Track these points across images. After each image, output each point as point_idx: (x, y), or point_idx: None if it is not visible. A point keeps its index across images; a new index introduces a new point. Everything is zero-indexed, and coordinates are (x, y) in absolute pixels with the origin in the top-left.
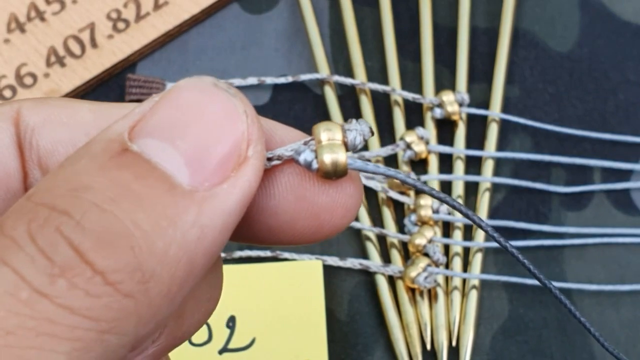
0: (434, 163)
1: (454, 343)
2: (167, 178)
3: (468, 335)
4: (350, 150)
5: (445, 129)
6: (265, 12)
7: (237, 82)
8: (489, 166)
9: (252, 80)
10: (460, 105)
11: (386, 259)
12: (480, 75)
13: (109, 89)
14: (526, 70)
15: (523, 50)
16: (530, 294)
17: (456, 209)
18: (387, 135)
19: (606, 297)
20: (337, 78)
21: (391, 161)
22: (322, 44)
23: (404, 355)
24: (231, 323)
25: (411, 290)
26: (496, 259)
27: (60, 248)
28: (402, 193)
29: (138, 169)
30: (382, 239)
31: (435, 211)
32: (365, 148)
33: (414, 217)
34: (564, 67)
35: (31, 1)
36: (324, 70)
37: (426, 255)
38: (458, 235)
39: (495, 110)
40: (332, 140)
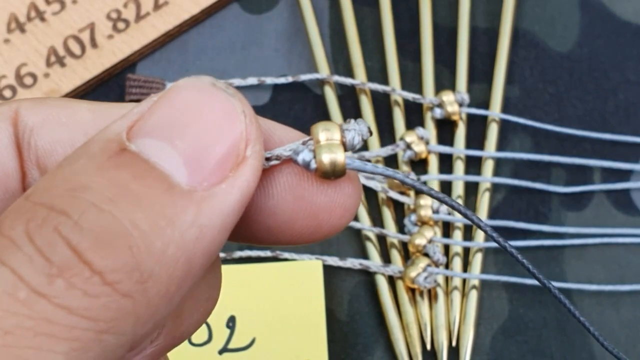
0: (434, 163)
1: (454, 343)
2: (166, 178)
3: (468, 335)
4: (348, 150)
5: (445, 129)
6: (265, 12)
7: (237, 82)
8: (489, 166)
9: (252, 81)
10: (460, 105)
11: (386, 259)
12: (480, 75)
13: (109, 89)
14: (526, 70)
15: (523, 50)
16: (530, 294)
17: (455, 209)
18: (387, 135)
19: (606, 297)
20: (337, 78)
21: (391, 161)
22: (322, 44)
23: (404, 355)
24: (231, 323)
25: (411, 290)
26: (496, 259)
27: (58, 248)
28: (402, 193)
29: (136, 169)
30: (382, 239)
31: (435, 211)
32: (365, 148)
33: (414, 217)
34: (564, 67)
35: (31, 1)
36: (324, 70)
37: (426, 255)
38: (458, 235)
39: (495, 110)
40: (331, 140)
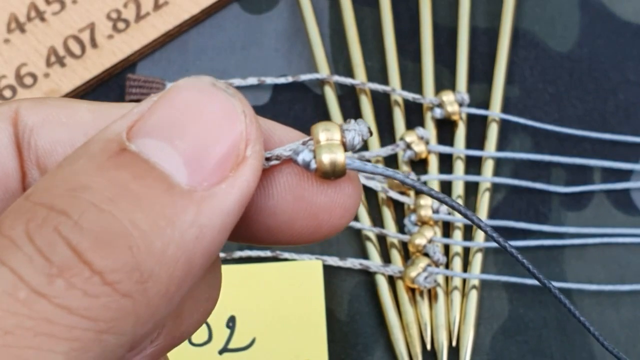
0: (434, 163)
1: (454, 343)
2: (166, 178)
3: (468, 335)
4: (348, 150)
5: (445, 129)
6: (265, 12)
7: (237, 82)
8: (489, 166)
9: (252, 81)
10: (460, 105)
11: (386, 259)
12: (480, 75)
13: (109, 89)
14: (526, 70)
15: (523, 50)
16: (530, 294)
17: (455, 209)
18: (387, 135)
19: (606, 297)
20: (337, 78)
21: (391, 161)
22: (322, 44)
23: (404, 355)
24: (231, 323)
25: (411, 290)
26: (496, 259)
27: (58, 248)
28: (402, 193)
29: (136, 169)
30: (382, 239)
31: (435, 211)
32: (365, 148)
33: (414, 217)
34: (564, 67)
35: (31, 1)
36: (324, 70)
37: (426, 255)
38: (458, 235)
39: (495, 110)
40: (331, 140)
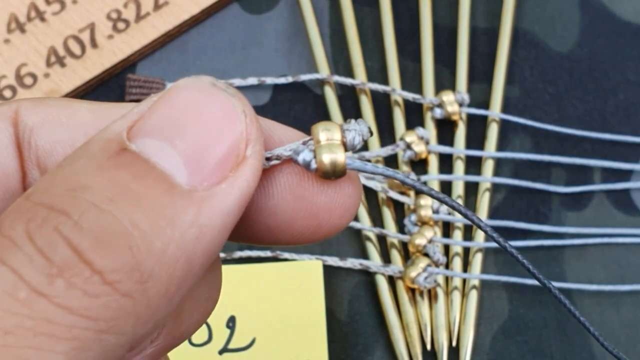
0: (434, 163)
1: (454, 343)
2: (166, 178)
3: (468, 336)
4: (349, 150)
5: (445, 129)
6: (265, 12)
7: (237, 82)
8: (489, 166)
9: (252, 81)
10: (460, 105)
11: (386, 259)
12: (480, 75)
13: (109, 89)
14: (526, 70)
15: (523, 50)
16: (530, 294)
17: (455, 209)
18: (387, 135)
19: (606, 297)
20: (337, 78)
21: (391, 161)
22: (322, 44)
23: (404, 355)
24: (231, 323)
25: (411, 291)
26: (496, 259)
27: (58, 248)
28: (402, 193)
29: (136, 169)
30: (382, 239)
31: (435, 211)
32: (365, 148)
33: (414, 217)
34: (564, 67)
35: (31, 1)
36: (324, 70)
37: (426, 255)
38: (458, 235)
39: (495, 110)
40: (331, 140)
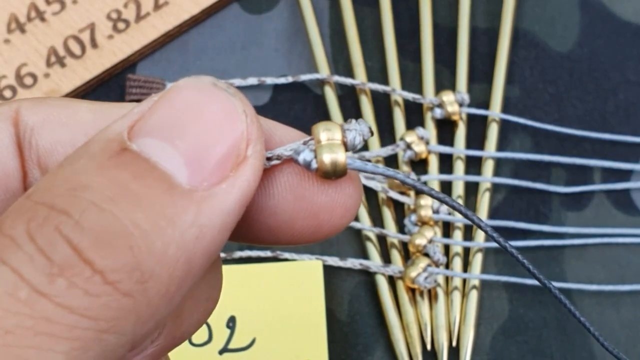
0: (434, 163)
1: (454, 343)
2: (166, 178)
3: (468, 336)
4: (349, 150)
5: (445, 129)
6: (265, 12)
7: (237, 82)
8: (489, 166)
9: (252, 81)
10: (461, 105)
11: (386, 259)
12: (480, 75)
13: (109, 89)
14: (526, 70)
15: (523, 50)
16: (530, 294)
17: (456, 209)
18: (387, 135)
19: (606, 297)
20: (337, 78)
21: (391, 161)
22: (322, 44)
23: (404, 355)
24: (231, 323)
25: (411, 291)
26: (496, 259)
27: (59, 247)
28: (402, 193)
29: (137, 169)
30: (382, 239)
31: (436, 211)
32: (366, 148)
33: (414, 217)
34: (564, 67)
35: (31, 1)
36: (324, 70)
37: (426, 255)
38: (458, 235)
39: (495, 110)
40: (332, 140)
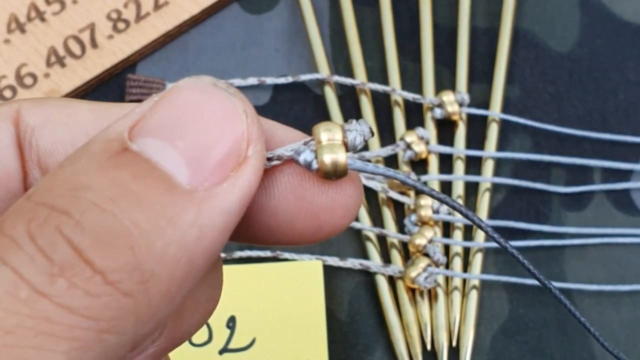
0: (434, 163)
1: (454, 343)
2: (167, 177)
3: (468, 336)
4: (350, 150)
5: (446, 129)
6: (265, 12)
7: (237, 82)
8: (489, 166)
9: (252, 81)
10: (461, 105)
11: (386, 259)
12: (480, 75)
13: (109, 89)
14: (526, 70)
15: (523, 50)
16: (530, 294)
17: (456, 209)
18: (387, 135)
19: (606, 297)
20: (337, 78)
21: (391, 161)
22: (322, 44)
23: (404, 355)
24: (231, 323)
25: (411, 291)
26: (496, 259)
27: (59, 247)
28: (402, 193)
29: (137, 169)
30: (382, 239)
31: (436, 211)
32: (366, 148)
33: (414, 217)
34: (564, 67)
35: (31, 1)
36: (324, 70)
37: (426, 255)
38: (458, 235)
39: (495, 110)
40: (332, 141)
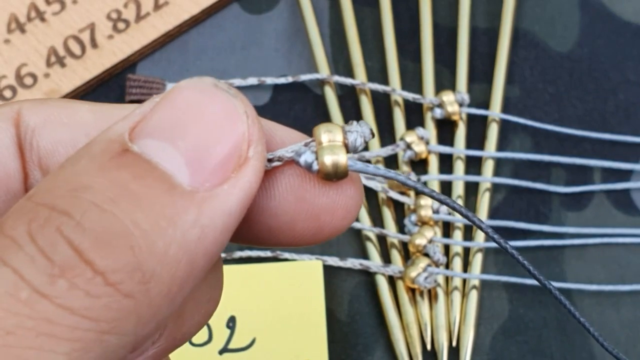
0: (434, 163)
1: (454, 343)
2: (167, 178)
3: (468, 336)
4: (350, 151)
5: (445, 129)
6: (265, 12)
7: (237, 82)
8: (489, 166)
9: (252, 81)
10: (461, 105)
11: (386, 259)
12: (480, 75)
13: (109, 89)
14: (526, 70)
15: (523, 50)
16: (530, 294)
17: (456, 210)
18: (387, 135)
19: (606, 297)
20: (337, 78)
21: (391, 161)
22: (322, 44)
23: (404, 355)
24: (231, 323)
25: (411, 291)
26: (496, 259)
27: (60, 248)
28: (403, 193)
29: (137, 169)
30: (382, 239)
31: (436, 211)
32: (366, 148)
33: (414, 217)
34: (564, 67)
35: (31, 1)
36: (324, 70)
37: (426, 255)
38: (458, 235)
39: (495, 110)
40: (333, 142)
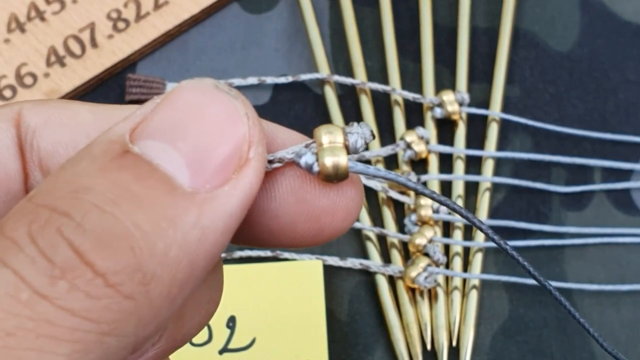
0: (434, 163)
1: (454, 343)
2: (168, 179)
3: (468, 335)
4: (351, 153)
5: (446, 128)
6: (265, 12)
7: (237, 82)
8: (489, 166)
9: (252, 80)
10: (461, 105)
11: (386, 259)
12: (481, 75)
13: (109, 88)
14: (526, 70)
15: (523, 50)
16: (531, 294)
17: (456, 211)
18: (387, 135)
19: (606, 297)
20: (337, 78)
21: (391, 161)
22: (322, 44)
23: (404, 355)
24: (231, 323)
25: (411, 290)
26: (496, 259)
27: (60, 249)
28: (403, 193)
29: (138, 170)
30: (382, 239)
31: (436, 211)
32: (366, 148)
33: (414, 217)
34: (564, 67)
35: (31, 1)
36: (324, 70)
37: (426, 255)
38: (458, 235)
39: (495, 110)
40: (334, 143)
